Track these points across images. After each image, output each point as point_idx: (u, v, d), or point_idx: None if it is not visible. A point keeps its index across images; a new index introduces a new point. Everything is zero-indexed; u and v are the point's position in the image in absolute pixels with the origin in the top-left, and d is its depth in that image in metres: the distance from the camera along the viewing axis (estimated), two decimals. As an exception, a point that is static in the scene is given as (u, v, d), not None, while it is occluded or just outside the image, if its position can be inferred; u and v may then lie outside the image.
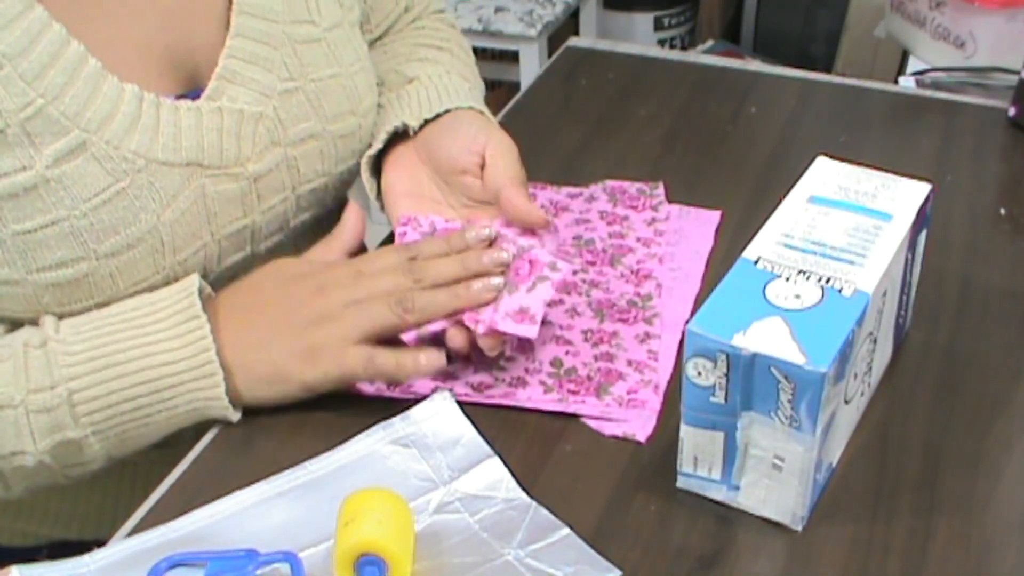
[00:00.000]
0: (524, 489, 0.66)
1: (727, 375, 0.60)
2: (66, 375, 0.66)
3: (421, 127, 0.81)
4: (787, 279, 0.63)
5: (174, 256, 0.72)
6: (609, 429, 0.71)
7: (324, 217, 0.84)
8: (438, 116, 0.81)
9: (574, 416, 0.72)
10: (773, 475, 0.62)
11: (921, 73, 1.31)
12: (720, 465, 0.64)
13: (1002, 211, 0.91)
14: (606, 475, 0.68)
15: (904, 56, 1.44)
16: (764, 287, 0.63)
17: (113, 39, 0.69)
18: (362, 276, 0.71)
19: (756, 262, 0.65)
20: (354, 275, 0.71)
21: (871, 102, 1.08)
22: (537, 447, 0.70)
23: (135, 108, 0.69)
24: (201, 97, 0.72)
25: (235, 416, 0.71)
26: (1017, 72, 1.05)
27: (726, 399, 0.61)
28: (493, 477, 0.67)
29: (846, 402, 0.65)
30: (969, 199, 0.92)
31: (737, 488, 0.64)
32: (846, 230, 0.67)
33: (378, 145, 0.82)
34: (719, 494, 0.65)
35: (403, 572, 0.59)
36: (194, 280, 0.70)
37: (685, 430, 0.64)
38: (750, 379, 0.60)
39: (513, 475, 0.67)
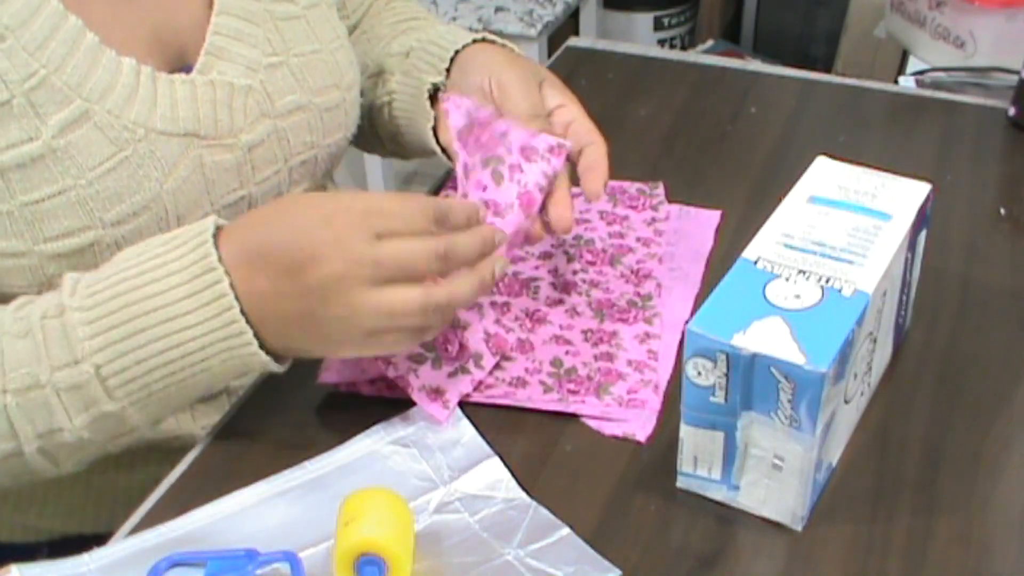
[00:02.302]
0: (524, 489, 0.66)
1: (727, 375, 0.60)
2: (89, 349, 0.64)
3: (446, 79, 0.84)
4: (787, 279, 0.63)
5: (178, 225, 0.72)
6: (609, 429, 0.71)
7: (315, 190, 0.86)
8: (452, 61, 0.84)
9: (574, 416, 0.72)
10: (773, 475, 0.62)
11: (921, 73, 1.31)
12: (720, 465, 0.64)
13: (1002, 211, 0.91)
14: (606, 475, 0.68)
15: (904, 56, 1.44)
16: (764, 287, 0.63)
17: (105, 18, 0.71)
18: (385, 291, 0.64)
19: (756, 262, 0.65)
20: (379, 280, 0.64)
21: (871, 102, 1.08)
22: (537, 447, 0.70)
23: (133, 80, 0.70)
24: (192, 71, 0.74)
25: (279, 368, 0.67)
26: (1017, 72, 1.05)
27: (726, 399, 0.61)
28: (493, 477, 0.67)
29: (846, 402, 0.65)
30: (969, 199, 0.92)
31: (737, 488, 0.64)
32: (846, 230, 0.67)
33: (431, 115, 0.83)
34: (719, 494, 0.65)
35: (403, 572, 0.59)
36: (207, 225, 0.66)
37: (685, 430, 0.64)
38: (750, 379, 0.60)
39: (513, 475, 0.67)
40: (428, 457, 0.68)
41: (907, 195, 0.70)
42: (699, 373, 0.61)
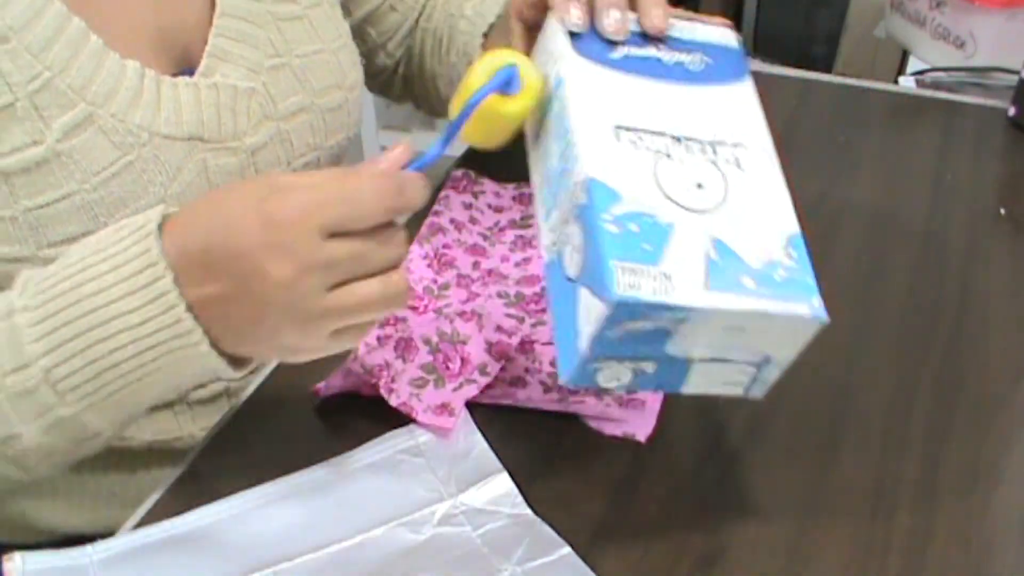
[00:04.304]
0: (526, 499, 0.65)
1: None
2: (37, 352, 0.60)
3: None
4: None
5: None
6: (609, 429, 0.71)
7: None
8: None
9: (574, 416, 0.72)
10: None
11: (921, 73, 1.31)
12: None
13: (1002, 211, 0.91)
14: (606, 475, 0.68)
15: (904, 56, 1.44)
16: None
17: (109, 20, 0.70)
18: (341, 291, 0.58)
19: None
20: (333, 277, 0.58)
21: (871, 102, 1.08)
22: (537, 447, 0.70)
23: (137, 83, 0.70)
24: (195, 74, 0.74)
25: (235, 374, 0.63)
26: (1017, 72, 1.05)
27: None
28: (500, 491, 0.66)
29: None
30: (969, 199, 0.92)
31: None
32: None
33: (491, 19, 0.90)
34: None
35: (533, 90, 0.60)
36: (152, 216, 0.60)
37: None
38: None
39: (512, 477, 0.67)
40: (437, 468, 0.68)
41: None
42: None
